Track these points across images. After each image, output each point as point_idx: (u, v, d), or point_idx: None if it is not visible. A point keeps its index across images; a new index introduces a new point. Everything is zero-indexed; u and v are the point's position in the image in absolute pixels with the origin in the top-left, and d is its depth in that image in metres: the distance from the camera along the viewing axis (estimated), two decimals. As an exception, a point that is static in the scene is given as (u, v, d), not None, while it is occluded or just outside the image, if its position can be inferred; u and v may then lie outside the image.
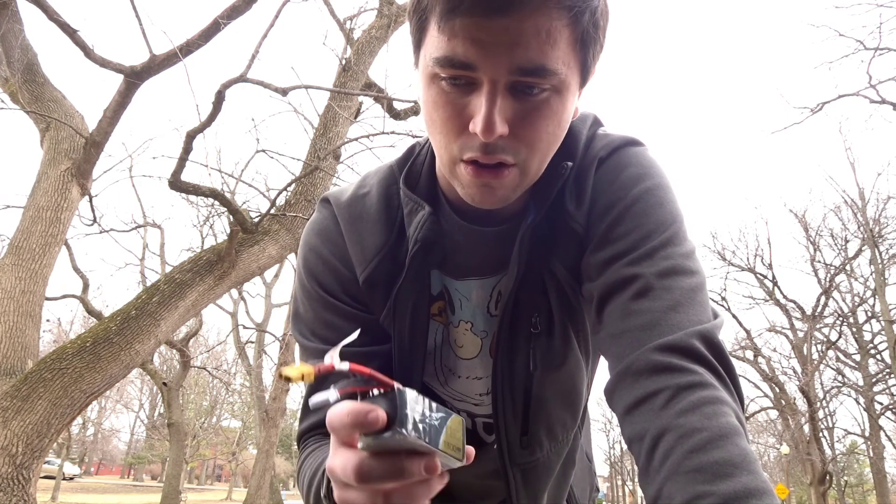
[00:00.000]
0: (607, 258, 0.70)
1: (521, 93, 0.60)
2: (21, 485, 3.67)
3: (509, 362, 0.80)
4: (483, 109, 0.59)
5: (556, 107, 0.62)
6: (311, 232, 0.84)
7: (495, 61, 0.57)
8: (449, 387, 0.89)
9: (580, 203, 0.74)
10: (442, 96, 0.62)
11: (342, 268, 0.81)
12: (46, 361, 3.99)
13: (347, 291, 0.81)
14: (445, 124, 0.63)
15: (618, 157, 0.76)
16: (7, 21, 4.81)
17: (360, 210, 0.81)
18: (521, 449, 0.85)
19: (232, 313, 19.54)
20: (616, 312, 0.66)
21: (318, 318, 0.82)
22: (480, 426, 0.92)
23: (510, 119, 0.60)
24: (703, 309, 0.64)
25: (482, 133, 0.59)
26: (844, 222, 18.95)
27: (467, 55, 0.58)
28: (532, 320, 0.78)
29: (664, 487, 0.52)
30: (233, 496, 31.18)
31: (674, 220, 0.70)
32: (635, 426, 0.58)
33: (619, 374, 0.62)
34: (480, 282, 0.81)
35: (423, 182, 0.79)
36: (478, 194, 0.66)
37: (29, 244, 4.51)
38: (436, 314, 0.84)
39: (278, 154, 5.54)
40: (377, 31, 6.21)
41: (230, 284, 5.00)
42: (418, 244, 0.75)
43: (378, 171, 0.84)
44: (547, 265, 0.76)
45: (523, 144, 0.63)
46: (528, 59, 0.57)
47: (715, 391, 0.57)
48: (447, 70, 0.60)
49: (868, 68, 12.11)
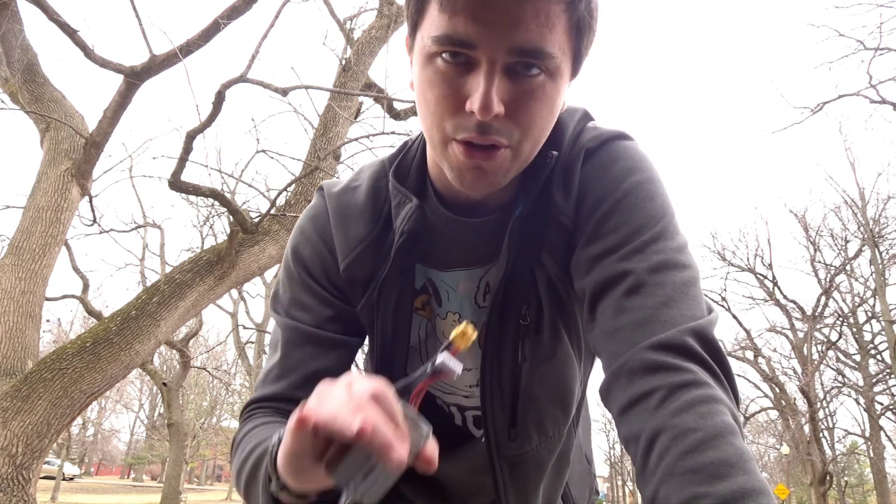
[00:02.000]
0: (598, 253, 0.69)
1: (517, 74, 0.61)
2: (21, 485, 3.67)
3: (498, 354, 0.80)
4: (481, 87, 0.59)
5: (549, 91, 0.63)
6: (304, 217, 0.87)
7: (495, 40, 0.58)
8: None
9: (567, 194, 0.74)
10: (438, 75, 0.62)
11: (327, 253, 0.82)
12: (46, 362, 3.99)
13: (329, 278, 0.82)
14: (440, 103, 0.63)
15: (607, 150, 0.75)
16: (7, 21, 4.81)
17: (349, 201, 0.82)
18: (509, 441, 0.84)
19: (232, 313, 19.55)
20: (608, 310, 0.66)
21: (294, 298, 0.83)
22: (470, 420, 0.92)
23: (506, 100, 0.61)
24: (696, 303, 0.64)
25: (479, 111, 0.59)
26: (844, 222, 18.97)
27: (468, 33, 0.58)
28: (521, 312, 0.78)
29: (660, 489, 0.52)
30: (233, 496, 31.17)
31: (664, 214, 0.70)
32: (630, 426, 0.58)
33: (613, 374, 0.62)
34: (467, 272, 0.81)
35: (412, 175, 0.80)
36: (468, 176, 0.66)
37: (29, 244, 4.51)
38: (419, 308, 0.85)
39: (278, 154, 5.55)
40: (377, 32, 6.20)
41: (230, 285, 5.00)
42: (405, 236, 0.76)
43: (372, 164, 0.86)
44: (536, 257, 0.76)
45: (517, 126, 0.63)
46: (526, 41, 0.58)
47: (709, 389, 0.56)
48: (447, 47, 0.60)
49: (868, 68, 12.09)
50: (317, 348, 0.81)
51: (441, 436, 0.92)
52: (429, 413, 0.92)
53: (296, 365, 0.80)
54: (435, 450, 0.54)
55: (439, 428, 0.91)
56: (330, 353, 0.81)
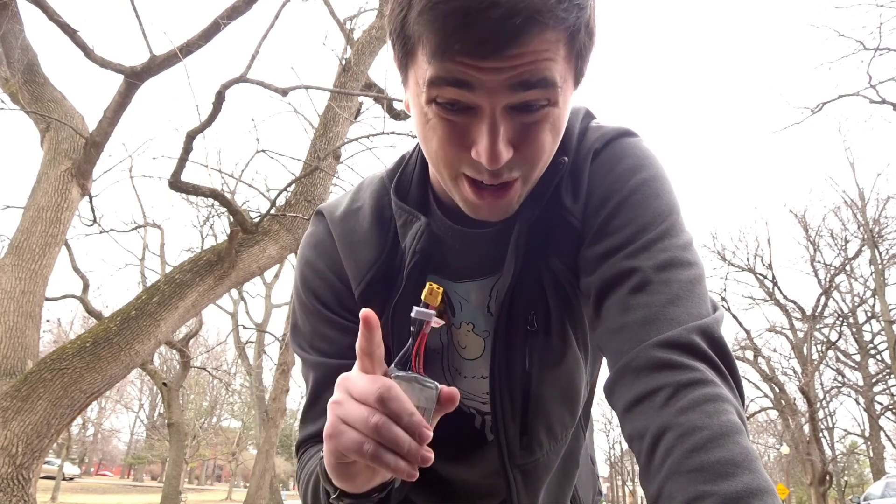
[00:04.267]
0: (604, 251, 0.69)
1: (520, 111, 0.59)
2: (21, 485, 3.67)
3: (506, 361, 0.79)
4: (486, 140, 0.58)
5: (554, 118, 0.61)
6: (306, 246, 0.85)
7: (492, 90, 0.56)
8: (456, 387, 0.88)
9: (577, 197, 0.74)
10: (440, 121, 0.60)
11: (338, 282, 0.81)
12: (46, 362, 3.99)
13: (343, 305, 0.81)
14: (444, 147, 0.62)
15: (612, 148, 0.75)
16: (7, 21, 4.81)
17: (354, 224, 0.81)
18: (521, 449, 0.84)
19: (232, 313, 19.56)
20: (614, 307, 0.65)
21: (315, 331, 0.83)
22: (488, 425, 0.92)
23: (513, 140, 0.60)
24: (702, 301, 0.63)
25: (488, 163, 0.59)
26: (844, 222, 18.99)
27: (466, 74, 0.55)
28: (528, 318, 0.78)
29: (665, 487, 0.52)
30: (233, 496, 31.18)
31: (671, 212, 0.69)
32: (635, 424, 0.58)
33: (619, 371, 0.62)
34: (478, 283, 0.80)
35: (413, 191, 0.79)
36: (482, 212, 0.66)
37: (29, 244, 4.51)
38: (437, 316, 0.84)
39: (278, 154, 5.53)
40: (377, 32, 6.20)
41: (230, 285, 5.00)
42: (417, 256, 0.74)
43: (371, 182, 0.84)
44: (544, 262, 0.76)
45: (527, 161, 0.62)
46: (526, 81, 0.56)
47: (715, 388, 0.56)
48: (443, 90, 0.57)
49: (868, 68, 12.17)
50: None
51: (459, 440, 0.92)
52: (452, 414, 0.93)
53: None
54: (452, 392, 0.59)
55: (459, 432, 0.92)
56: None
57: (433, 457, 0.54)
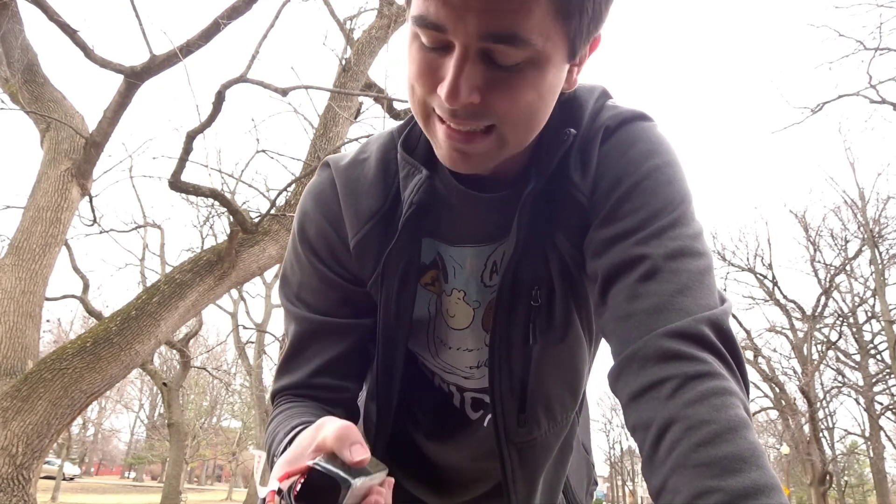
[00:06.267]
0: (613, 235, 0.68)
1: (493, 62, 0.58)
2: (21, 485, 3.66)
3: (507, 336, 0.78)
4: (450, 75, 0.58)
5: (533, 79, 0.60)
6: (308, 195, 0.84)
7: (465, 25, 0.56)
8: (440, 358, 0.88)
9: (585, 172, 0.73)
10: (418, 54, 0.61)
11: (333, 233, 0.80)
12: (46, 362, 3.99)
13: (336, 258, 0.80)
14: (416, 78, 0.62)
15: (626, 130, 0.74)
16: (7, 21, 4.80)
17: (358, 174, 0.80)
18: (519, 427, 0.82)
19: (232, 313, 19.54)
20: (622, 294, 0.64)
21: (303, 283, 0.82)
22: (468, 402, 0.90)
23: (481, 87, 0.59)
24: (710, 293, 0.63)
25: (446, 98, 0.58)
26: (844, 222, 18.97)
27: (438, 16, 0.56)
28: (532, 293, 0.76)
29: (670, 479, 0.51)
30: (233, 496, 31.16)
31: (683, 200, 0.68)
32: (641, 414, 0.57)
33: (625, 360, 0.61)
34: (475, 249, 0.79)
35: (421, 146, 0.78)
36: (451, 158, 0.65)
37: (29, 244, 4.50)
38: (428, 283, 0.83)
39: (278, 154, 5.56)
40: (377, 32, 6.20)
41: (230, 285, 5.00)
42: (413, 207, 0.74)
43: (380, 136, 0.84)
44: (549, 236, 0.75)
45: (497, 115, 0.61)
46: (499, 26, 0.55)
47: (723, 381, 0.55)
48: (422, 30, 0.59)
49: (868, 68, 12.15)
50: (329, 337, 0.80)
51: (439, 418, 0.91)
52: (428, 393, 0.91)
53: (311, 355, 0.80)
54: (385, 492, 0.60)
55: (437, 409, 0.91)
56: (343, 340, 0.81)
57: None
